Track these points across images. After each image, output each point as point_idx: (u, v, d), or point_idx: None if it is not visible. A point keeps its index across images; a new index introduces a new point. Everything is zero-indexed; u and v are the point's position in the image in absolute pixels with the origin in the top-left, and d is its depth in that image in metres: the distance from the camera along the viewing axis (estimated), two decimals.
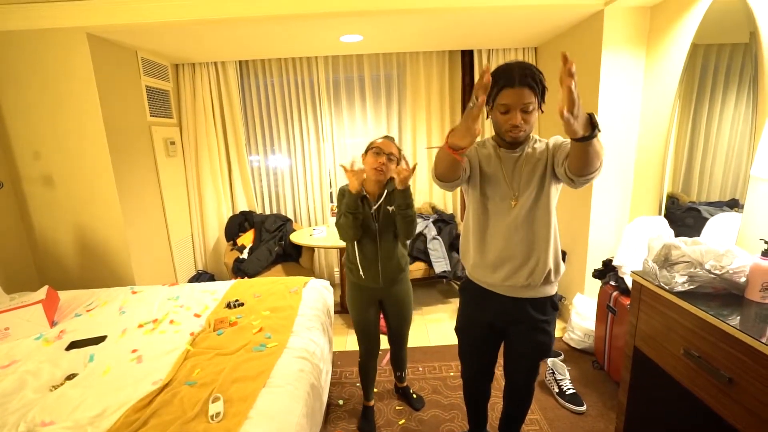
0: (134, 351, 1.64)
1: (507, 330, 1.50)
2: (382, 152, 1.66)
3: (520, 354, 1.50)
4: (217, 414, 1.21)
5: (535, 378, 1.57)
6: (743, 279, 1.26)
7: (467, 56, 3.37)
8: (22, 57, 2.35)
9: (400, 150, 1.75)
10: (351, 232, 1.68)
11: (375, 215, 1.71)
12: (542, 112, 1.28)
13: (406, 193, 1.64)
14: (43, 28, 2.29)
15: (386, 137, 1.74)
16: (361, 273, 1.76)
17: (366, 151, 1.74)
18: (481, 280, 1.47)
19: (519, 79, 1.18)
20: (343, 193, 1.72)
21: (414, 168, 1.62)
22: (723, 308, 1.21)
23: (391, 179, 1.74)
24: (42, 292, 1.99)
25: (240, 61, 3.38)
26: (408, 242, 1.85)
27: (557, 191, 1.37)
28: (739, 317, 1.16)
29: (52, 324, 1.91)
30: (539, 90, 1.22)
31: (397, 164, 1.71)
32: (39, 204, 2.58)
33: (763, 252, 1.23)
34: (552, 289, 1.42)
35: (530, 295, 1.40)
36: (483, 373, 1.65)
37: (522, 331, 1.45)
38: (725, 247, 1.30)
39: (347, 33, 2.71)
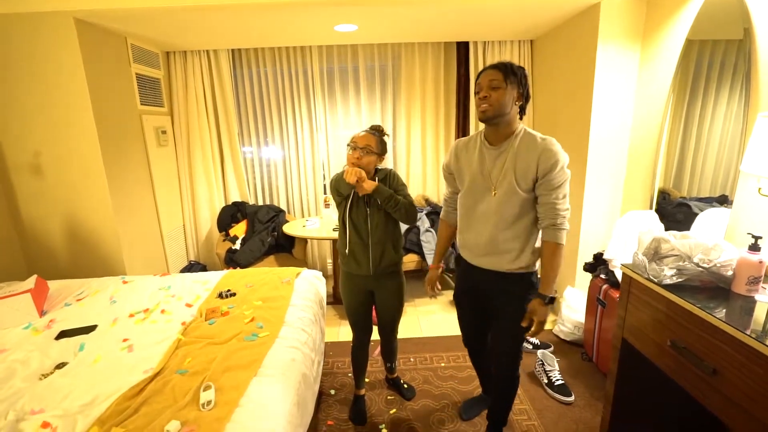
0: (125, 340, 1.63)
1: (492, 302, 1.62)
2: (357, 146, 1.66)
3: (500, 327, 1.61)
4: (209, 402, 1.21)
5: (514, 359, 1.63)
6: (730, 272, 1.28)
7: (463, 48, 3.35)
8: (7, 41, 2.30)
9: (383, 135, 1.74)
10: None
11: (366, 201, 1.72)
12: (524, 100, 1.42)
13: (376, 195, 1.66)
14: (29, 12, 2.23)
15: (370, 130, 1.73)
16: (352, 259, 1.77)
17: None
18: (465, 256, 1.64)
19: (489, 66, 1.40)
20: (338, 180, 1.73)
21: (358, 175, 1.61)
22: (710, 301, 1.23)
23: (378, 169, 1.77)
24: (31, 282, 1.96)
25: (233, 50, 3.33)
26: (403, 232, 1.85)
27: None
28: (724, 310, 1.18)
29: (42, 313, 1.90)
30: (510, 72, 1.37)
31: (381, 155, 1.72)
32: (27, 193, 2.54)
33: (750, 246, 1.25)
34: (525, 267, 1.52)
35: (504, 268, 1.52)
36: (476, 337, 1.80)
37: (501, 303, 1.57)
38: (713, 241, 1.32)
39: (342, 22, 2.68)
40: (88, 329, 1.74)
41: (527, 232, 1.47)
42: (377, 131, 1.74)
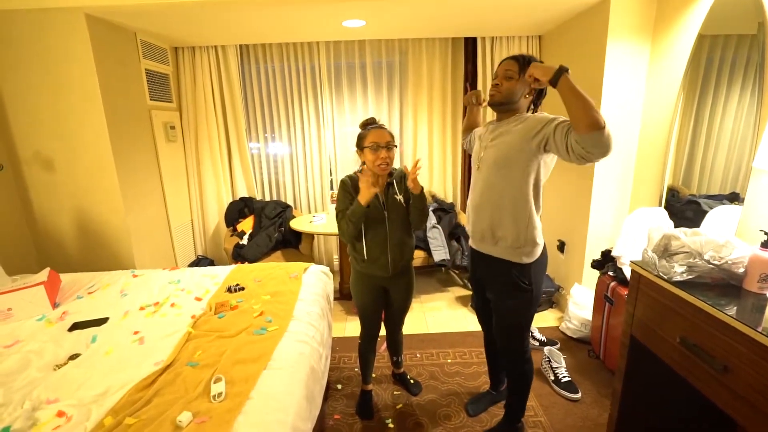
0: (136, 333, 1.66)
1: (489, 293, 1.68)
2: (380, 146, 1.61)
3: (500, 325, 1.66)
4: (219, 394, 1.22)
5: (521, 355, 1.66)
6: (742, 270, 1.27)
7: (470, 44, 3.33)
8: (20, 37, 2.32)
9: (391, 133, 1.68)
10: (352, 236, 1.69)
11: (383, 204, 1.70)
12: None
13: (422, 196, 1.67)
14: (41, 8, 2.26)
15: (374, 126, 1.67)
16: (370, 263, 1.74)
17: (361, 147, 1.66)
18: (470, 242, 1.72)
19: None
20: (345, 186, 1.70)
21: (417, 163, 1.63)
22: (720, 298, 1.22)
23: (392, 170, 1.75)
24: (44, 274, 1.99)
25: (240, 46, 3.34)
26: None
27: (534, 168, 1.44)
28: (735, 307, 1.17)
29: (54, 305, 1.93)
30: (526, 64, 1.42)
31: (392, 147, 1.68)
32: (39, 187, 2.57)
33: (762, 243, 1.24)
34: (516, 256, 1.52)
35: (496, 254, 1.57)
36: (486, 323, 1.89)
37: (496, 296, 1.63)
38: (725, 238, 1.31)
39: (350, 18, 2.68)
40: (100, 321, 1.77)
41: (517, 213, 1.47)
42: (378, 124, 1.69)
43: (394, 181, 1.72)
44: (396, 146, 1.67)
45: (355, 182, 1.70)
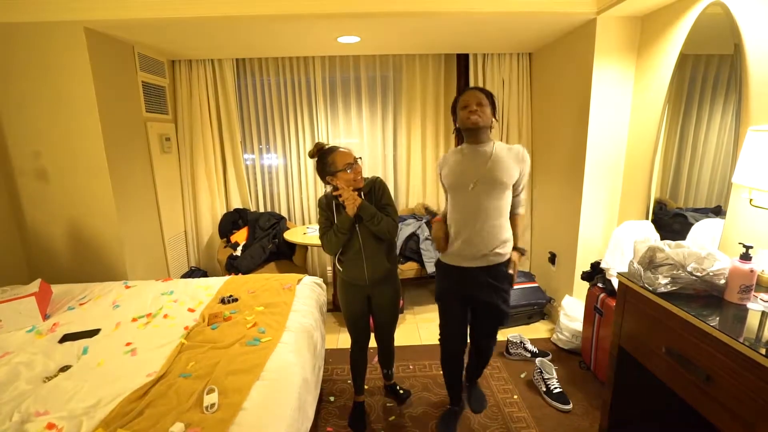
0: (128, 344, 1.65)
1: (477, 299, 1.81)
2: (351, 164, 1.67)
3: (488, 321, 1.87)
4: (212, 405, 1.23)
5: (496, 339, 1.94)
6: (723, 281, 1.31)
7: (463, 60, 3.41)
8: (19, 49, 2.35)
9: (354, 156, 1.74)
10: (337, 248, 1.79)
11: (355, 216, 1.73)
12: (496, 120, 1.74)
13: (361, 212, 1.69)
14: (41, 21, 2.28)
15: (333, 149, 1.71)
16: (347, 271, 1.81)
17: (333, 173, 1.68)
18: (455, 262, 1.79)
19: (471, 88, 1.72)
20: (321, 205, 1.77)
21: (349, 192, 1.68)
22: (703, 309, 1.26)
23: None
24: (35, 285, 1.98)
25: (237, 59, 3.39)
26: (398, 241, 1.89)
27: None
28: (718, 318, 1.21)
29: (45, 317, 1.91)
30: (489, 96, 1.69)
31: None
32: (32, 197, 2.57)
33: (741, 255, 1.28)
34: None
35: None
36: (463, 336, 1.93)
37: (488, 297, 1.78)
38: (707, 251, 1.35)
39: (345, 34, 2.74)
40: (92, 333, 1.76)
41: (507, 223, 1.71)
42: (332, 146, 1.73)
43: (362, 193, 1.75)
44: (359, 157, 1.74)
45: (329, 200, 1.76)
